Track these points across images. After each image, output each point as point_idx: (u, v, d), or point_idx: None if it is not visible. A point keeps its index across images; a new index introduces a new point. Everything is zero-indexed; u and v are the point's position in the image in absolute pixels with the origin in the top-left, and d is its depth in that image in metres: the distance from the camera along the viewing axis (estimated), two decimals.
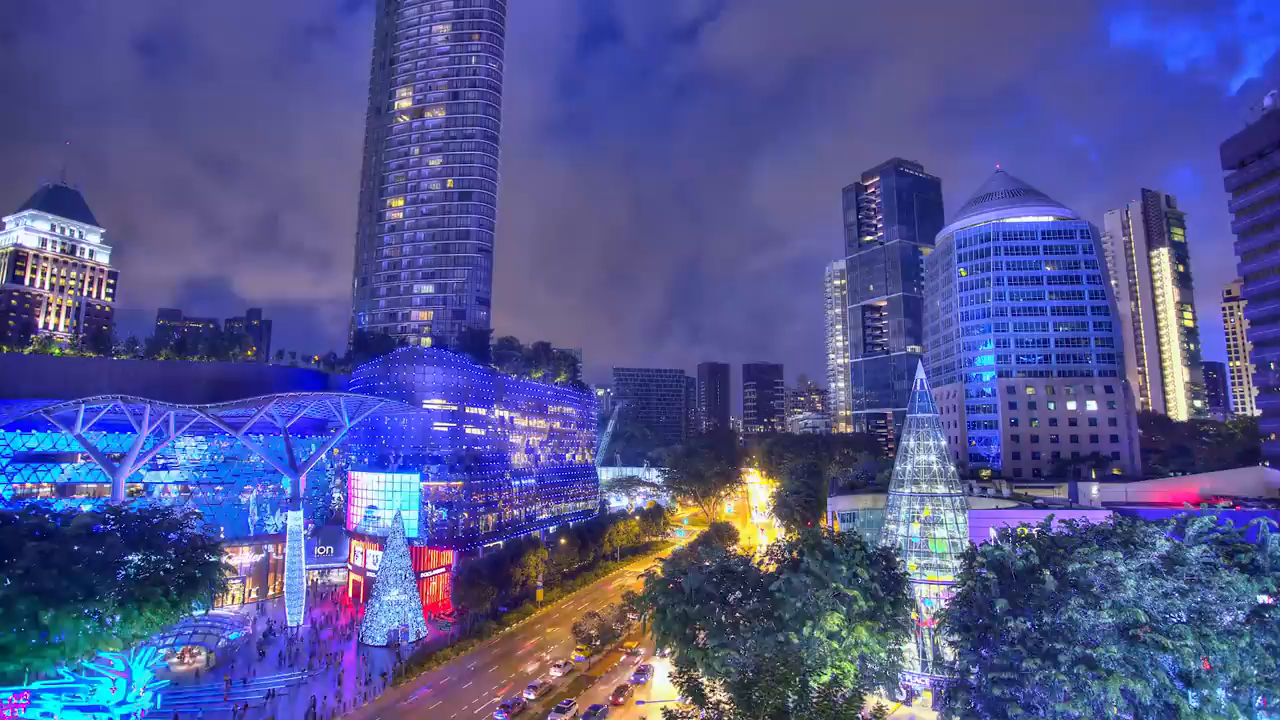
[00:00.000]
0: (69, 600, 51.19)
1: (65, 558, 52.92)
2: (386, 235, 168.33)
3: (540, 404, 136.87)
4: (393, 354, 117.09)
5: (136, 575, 56.55)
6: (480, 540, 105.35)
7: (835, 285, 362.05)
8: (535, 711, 61.84)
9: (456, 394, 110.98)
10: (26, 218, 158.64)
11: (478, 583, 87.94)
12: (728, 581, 55.29)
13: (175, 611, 59.01)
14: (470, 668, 73.39)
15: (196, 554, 62.28)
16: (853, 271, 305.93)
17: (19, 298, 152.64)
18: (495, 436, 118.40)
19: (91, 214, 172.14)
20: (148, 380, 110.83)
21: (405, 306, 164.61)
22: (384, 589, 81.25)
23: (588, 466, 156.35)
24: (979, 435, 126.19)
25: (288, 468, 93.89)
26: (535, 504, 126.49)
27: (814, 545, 54.51)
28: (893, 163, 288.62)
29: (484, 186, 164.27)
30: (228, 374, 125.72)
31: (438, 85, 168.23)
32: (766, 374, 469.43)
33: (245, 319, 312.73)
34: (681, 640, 52.57)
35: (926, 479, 70.81)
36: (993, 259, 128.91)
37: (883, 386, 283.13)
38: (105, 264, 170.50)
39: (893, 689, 55.46)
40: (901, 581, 55.72)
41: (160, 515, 64.04)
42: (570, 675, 71.09)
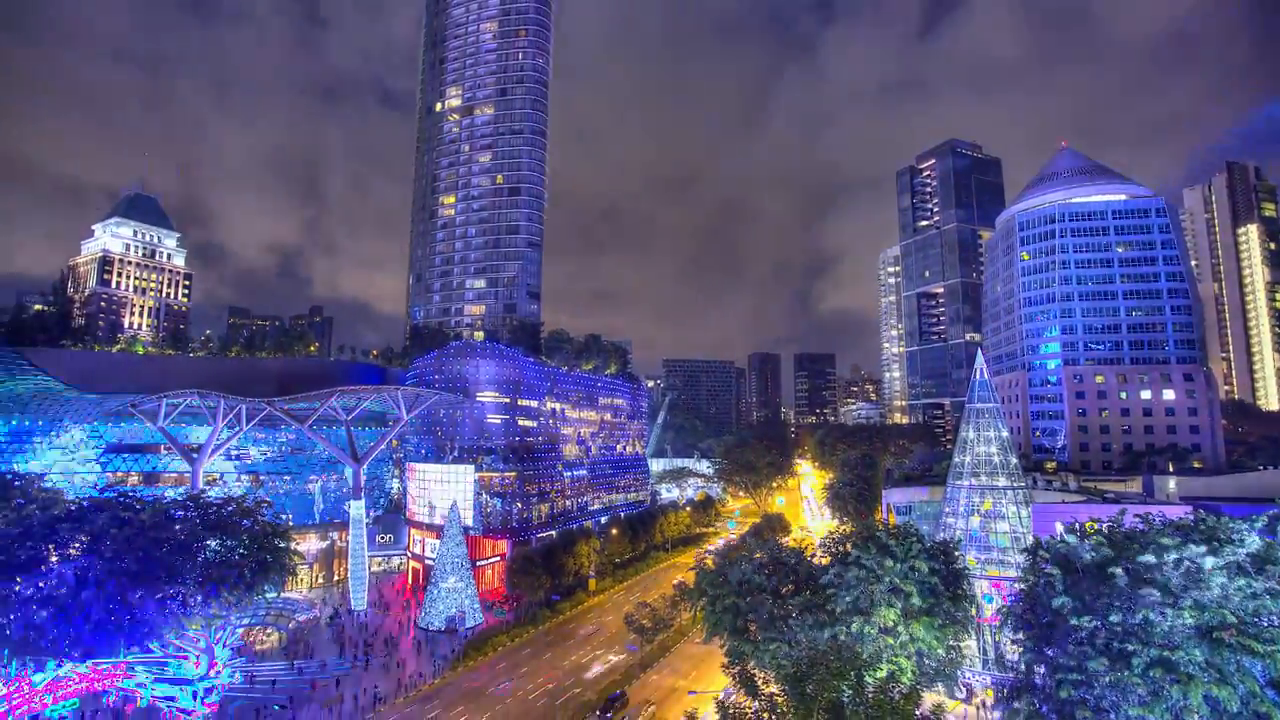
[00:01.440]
0: (155, 581, 54.80)
1: (150, 542, 56.59)
2: (439, 232, 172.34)
3: (591, 395, 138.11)
4: (447, 348, 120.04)
5: (214, 559, 59.96)
6: (533, 530, 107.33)
7: (889, 272, 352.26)
8: (589, 698, 62.81)
9: (509, 386, 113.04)
10: (112, 225, 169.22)
11: (531, 571, 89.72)
12: (779, 574, 54.78)
13: (250, 594, 62.31)
14: (525, 653, 75.07)
15: (268, 540, 65.46)
16: (907, 258, 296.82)
17: (107, 300, 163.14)
18: (547, 428, 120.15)
19: (169, 219, 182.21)
20: (221, 375, 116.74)
21: (458, 301, 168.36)
22: (442, 576, 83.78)
23: (638, 457, 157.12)
24: (1043, 426, 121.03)
25: (350, 458, 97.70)
26: (587, 494, 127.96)
27: (868, 538, 53.41)
28: (949, 144, 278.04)
29: (532, 182, 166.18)
30: (293, 369, 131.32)
31: (486, 83, 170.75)
32: (818, 364, 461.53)
33: (308, 316, 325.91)
34: (732, 632, 52.42)
35: (987, 471, 68.38)
36: (1058, 241, 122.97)
37: (939, 376, 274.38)
38: (181, 266, 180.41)
39: (952, 687, 53.96)
40: (960, 577, 54.04)
41: (234, 503, 67.56)
42: (626, 661, 71.91)
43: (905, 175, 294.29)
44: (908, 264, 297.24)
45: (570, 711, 60.11)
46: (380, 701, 61.63)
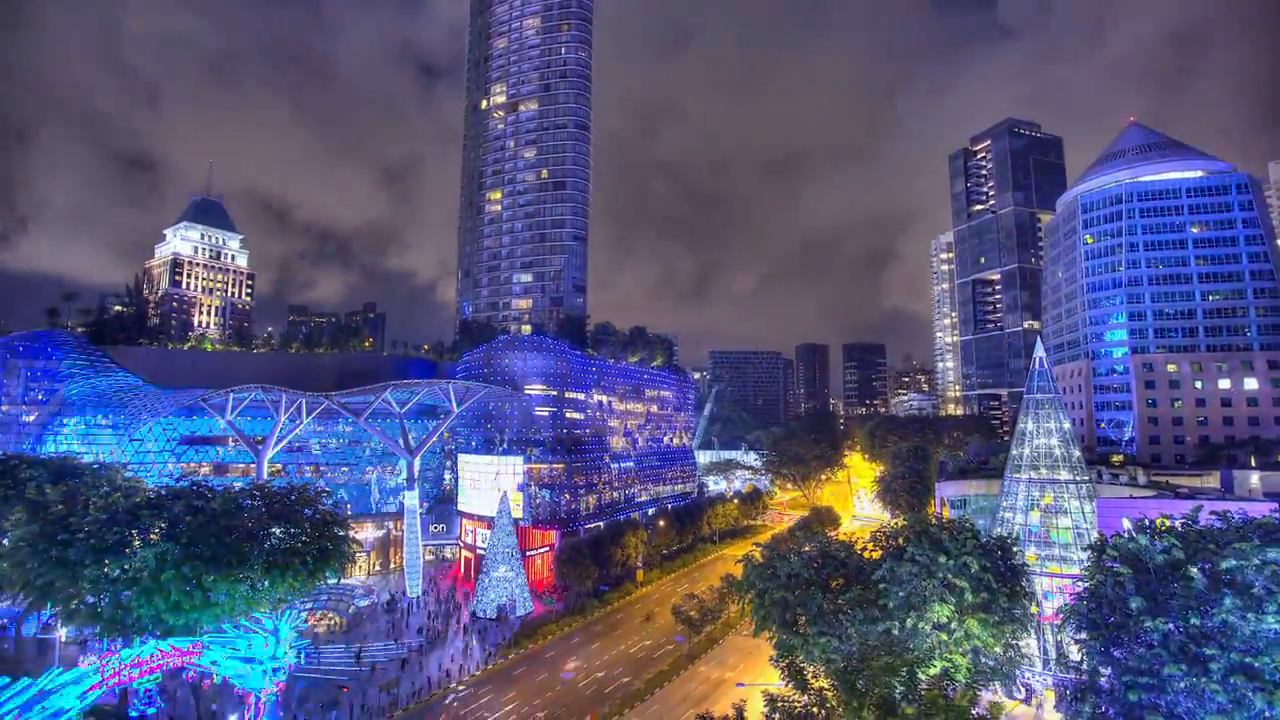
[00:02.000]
0: (225, 565, 57.79)
1: (221, 529, 59.66)
2: (486, 228, 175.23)
3: (637, 388, 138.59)
4: (495, 342, 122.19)
5: (279, 546, 62.74)
6: (581, 521, 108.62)
7: (942, 259, 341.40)
8: (638, 687, 63.37)
9: (556, 379, 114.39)
10: (181, 229, 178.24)
11: (580, 561, 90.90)
12: (828, 567, 54.03)
13: (312, 579, 64.99)
14: (574, 642, 76.23)
15: (328, 528, 68.07)
16: (961, 244, 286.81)
17: (178, 300, 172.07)
18: (594, 420, 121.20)
19: (232, 222, 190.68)
20: (282, 371, 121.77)
21: (505, 295, 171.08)
22: (493, 565, 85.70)
23: (685, 450, 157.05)
24: (1109, 417, 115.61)
25: (403, 450, 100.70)
26: (634, 486, 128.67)
27: (920, 532, 52.13)
28: (1006, 124, 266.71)
29: (577, 175, 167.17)
30: (349, 364, 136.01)
31: (529, 78, 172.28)
32: (868, 354, 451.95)
33: (362, 312, 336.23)
34: (781, 625, 52.00)
35: (1047, 464, 65.78)
36: (1125, 223, 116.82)
37: (996, 365, 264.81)
38: (244, 266, 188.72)
39: (1010, 686, 52.32)
40: (1019, 573, 52.24)
41: (297, 492, 70.45)
42: (674, 653, 72.30)
43: (958, 158, 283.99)
44: (961, 250, 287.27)
45: (619, 700, 60.78)
46: (435, 685, 63.60)
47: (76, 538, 57.25)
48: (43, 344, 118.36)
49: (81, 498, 64.01)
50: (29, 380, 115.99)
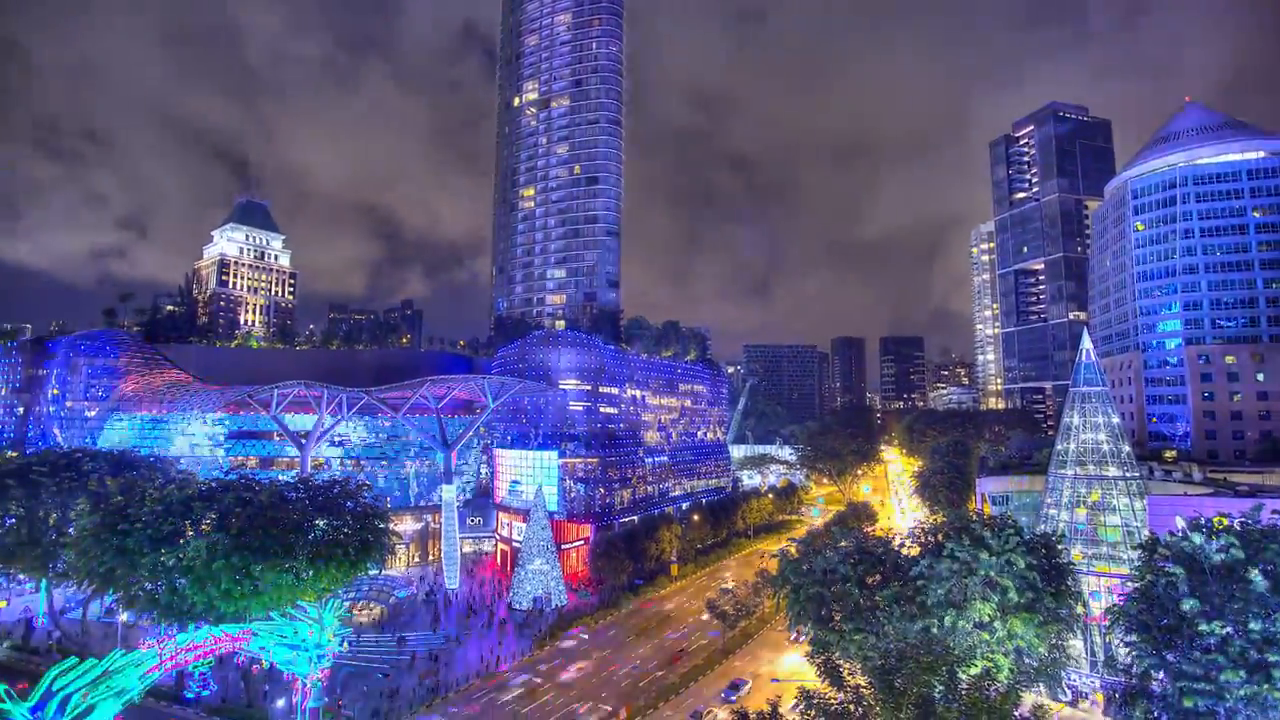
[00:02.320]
0: (272, 555, 59.79)
1: (268, 520, 61.70)
2: (520, 224, 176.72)
3: (671, 382, 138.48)
4: (529, 337, 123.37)
5: (322, 537, 64.64)
6: (616, 515, 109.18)
7: (982, 249, 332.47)
8: (672, 681, 63.57)
9: (590, 374, 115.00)
10: (228, 230, 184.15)
11: (614, 555, 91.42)
12: (865, 563, 53.32)
13: (354, 570, 66.85)
14: (609, 635, 76.79)
15: (369, 521, 69.85)
16: (1003, 233, 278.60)
17: (225, 299, 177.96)
18: (628, 415, 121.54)
19: (275, 224, 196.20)
20: (324, 367, 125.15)
21: (539, 291, 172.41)
22: (528, 558, 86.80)
23: (719, 444, 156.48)
24: (1161, 411, 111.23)
25: (440, 444, 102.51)
26: (668, 480, 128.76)
27: (960, 529, 51.05)
28: (1049, 108, 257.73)
29: (609, 170, 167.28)
30: (387, 360, 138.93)
31: (561, 74, 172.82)
32: (905, 347, 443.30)
33: (399, 309, 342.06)
34: (817, 621, 51.55)
35: (1094, 459, 63.68)
36: (1180, 208, 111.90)
37: (1039, 358, 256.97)
38: (287, 266, 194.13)
39: (1055, 688, 50.99)
40: (1064, 572, 50.74)
41: (339, 485, 72.43)
42: (708, 647, 72.34)
43: (1000, 145, 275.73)
44: (1003, 240, 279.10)
45: (653, 693, 61.06)
46: (473, 675, 64.79)
47: (135, 528, 59.92)
48: (102, 343, 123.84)
49: (139, 490, 66.91)
50: (90, 377, 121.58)
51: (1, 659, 68.92)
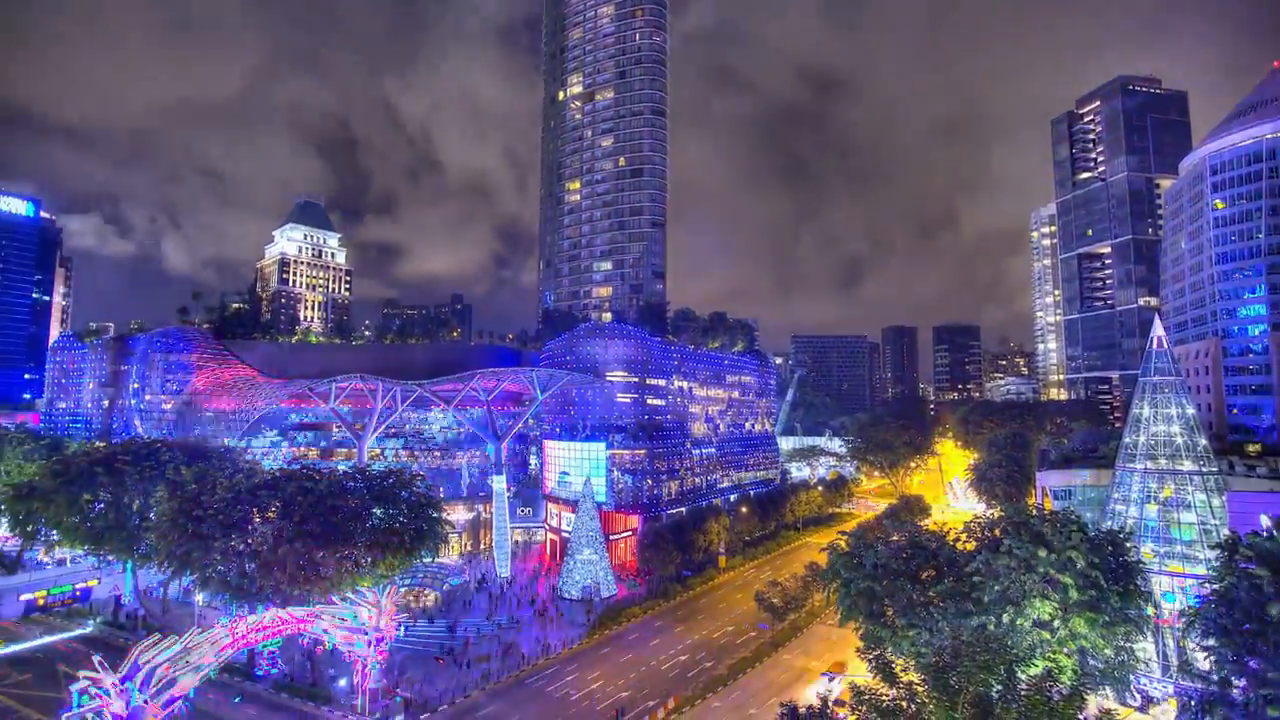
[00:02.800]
0: (333, 542, 62.32)
1: (328, 509, 64.30)
2: (566, 218, 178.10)
3: (718, 373, 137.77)
4: (576, 330, 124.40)
5: (379, 525, 67.00)
6: (664, 506, 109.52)
7: (1043, 233, 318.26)
8: (720, 672, 63.59)
9: (637, 366, 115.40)
10: (287, 230, 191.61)
11: (662, 546, 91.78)
12: (918, 558, 52.09)
13: (409, 558, 69.11)
14: (657, 625, 77.24)
15: (423, 510, 72.02)
16: (1065, 216, 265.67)
17: (286, 297, 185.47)
18: (675, 406, 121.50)
19: (331, 222, 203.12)
20: (378, 361, 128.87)
21: (586, 284, 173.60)
22: (577, 548, 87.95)
23: (767, 436, 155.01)
24: (1242, 402, 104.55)
25: (491, 436, 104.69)
26: (716, 472, 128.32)
27: (1019, 524, 49.31)
28: (1118, 81, 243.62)
29: (654, 161, 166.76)
30: (439, 353, 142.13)
31: (605, 67, 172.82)
32: (960, 336, 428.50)
33: (450, 304, 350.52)
34: (868, 616, 50.68)
35: (1167, 453, 60.43)
36: (1266, 183, 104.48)
37: (1105, 346, 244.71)
38: (343, 264, 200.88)
39: (1123, 691, 48.81)
40: (1133, 570, 48.43)
41: (394, 476, 74.82)
42: (756, 639, 72.05)
43: (1062, 123, 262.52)
44: (1065, 222, 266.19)
45: (701, 685, 61.19)
46: (524, 662, 66.19)
47: (207, 514, 63.32)
48: (176, 339, 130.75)
49: (211, 478, 70.61)
50: (166, 372, 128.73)
51: (94, 633, 74.32)
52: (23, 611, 78.47)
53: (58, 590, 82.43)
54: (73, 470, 78.30)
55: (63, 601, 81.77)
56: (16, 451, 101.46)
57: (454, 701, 57.78)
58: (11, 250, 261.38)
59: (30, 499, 78.31)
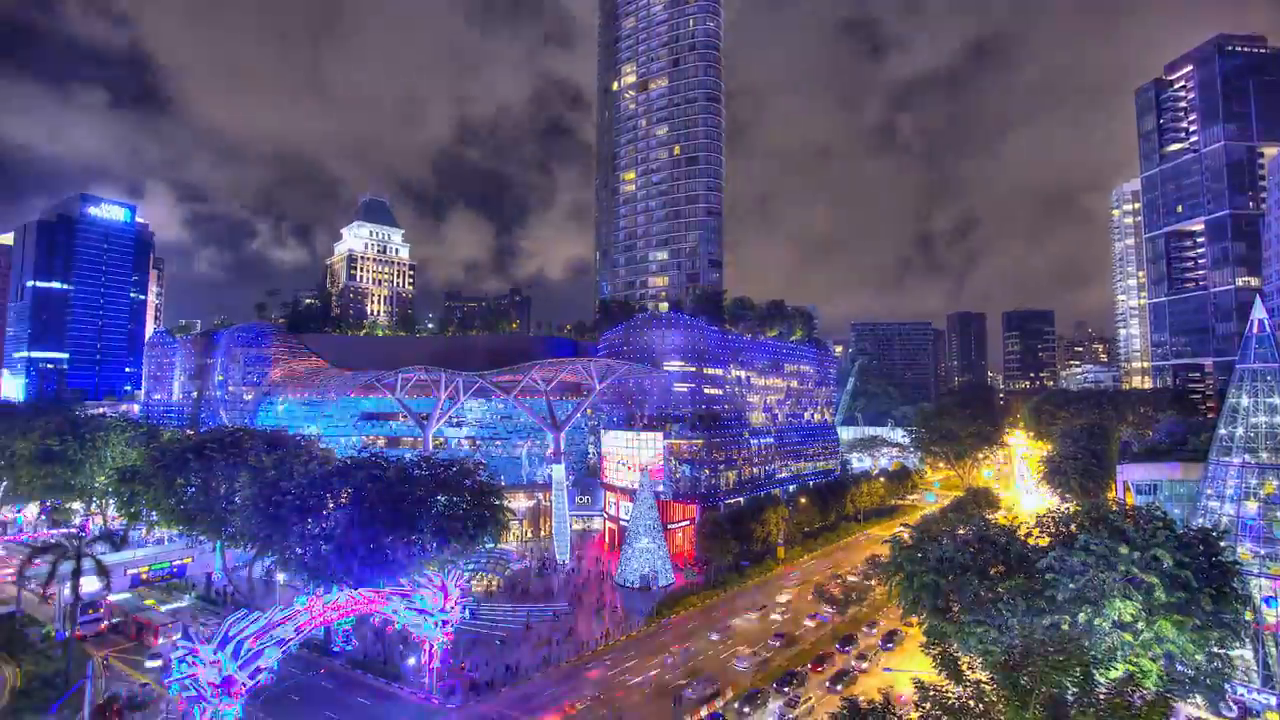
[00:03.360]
0: (400, 527, 64.93)
1: (395, 496, 66.98)
2: (622, 208, 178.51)
3: (776, 362, 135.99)
4: (633, 320, 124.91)
5: (443, 512, 69.30)
6: (721, 496, 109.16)
7: (1126, 210, 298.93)
8: (779, 664, 63.18)
9: (694, 355, 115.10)
10: (354, 227, 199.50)
11: (720, 536, 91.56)
12: (986, 552, 50.19)
13: (472, 543, 71.29)
14: (715, 614, 77.22)
15: (485, 497, 74.10)
16: (1151, 191, 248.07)
17: (354, 292, 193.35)
18: (733, 396, 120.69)
19: (395, 219, 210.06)
20: (441, 352, 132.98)
21: (642, 274, 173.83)
22: (635, 537, 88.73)
23: (827, 425, 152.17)
24: None
25: (550, 425, 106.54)
26: (774, 462, 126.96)
27: (1097, 519, 46.81)
28: (1214, 41, 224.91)
29: (709, 149, 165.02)
30: (498, 344, 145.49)
31: (659, 55, 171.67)
32: (1033, 321, 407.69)
33: (509, 296, 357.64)
34: (932, 611, 49.23)
35: (1269, 445, 56.11)
36: None
37: (1196, 331, 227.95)
38: (406, 258, 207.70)
39: (1216, 701, 45.82)
40: (1228, 572, 45.22)
41: (457, 464, 77.21)
42: (815, 631, 71.19)
43: (1148, 91, 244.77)
44: (1151, 199, 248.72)
45: (760, 676, 60.94)
46: (584, 647, 67.41)
47: (285, 499, 66.97)
48: (255, 334, 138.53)
49: (288, 465, 74.68)
50: (246, 364, 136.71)
51: (190, 606, 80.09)
52: (129, 584, 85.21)
53: (158, 566, 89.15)
54: (168, 457, 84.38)
55: (162, 576, 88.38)
56: (120, 439, 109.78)
57: (515, 683, 59.42)
58: (112, 254, 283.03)
59: (133, 482, 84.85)
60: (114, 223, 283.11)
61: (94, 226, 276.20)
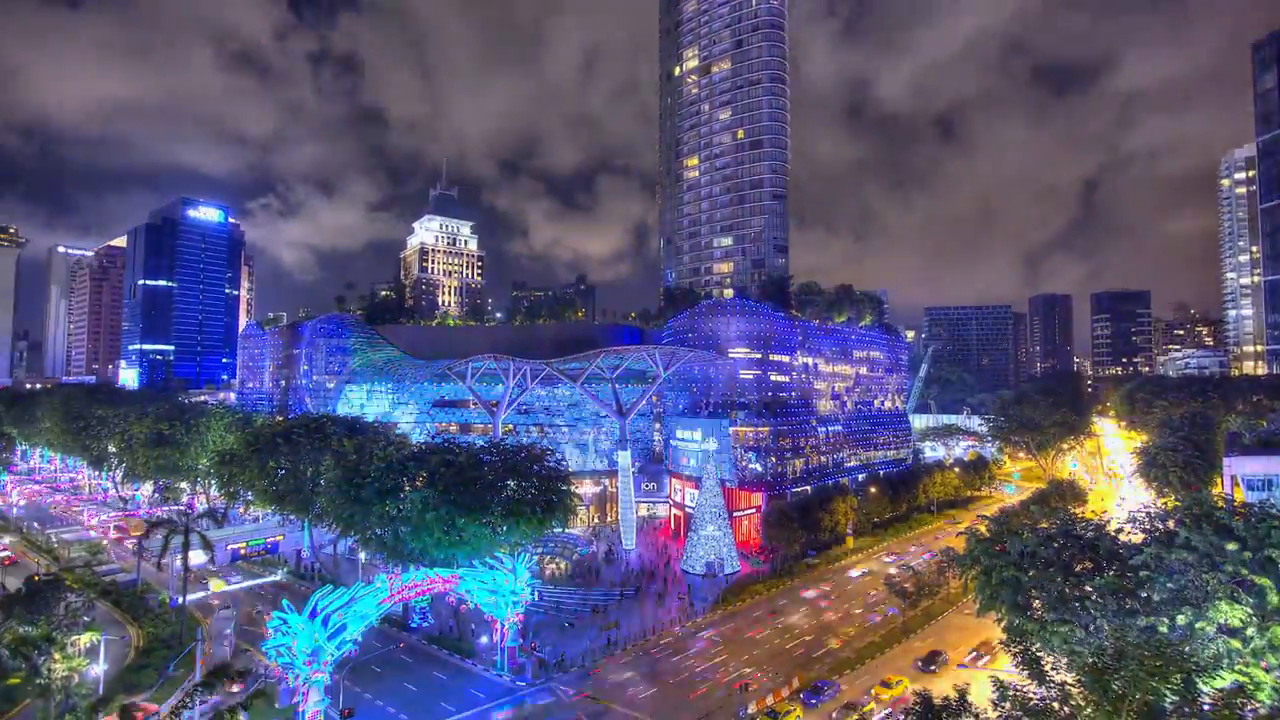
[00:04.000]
0: (472, 510, 67.25)
1: (467, 480, 69.36)
2: (685, 194, 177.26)
3: (844, 349, 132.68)
4: (698, 307, 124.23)
5: (513, 496, 71.31)
6: (788, 484, 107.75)
7: (1237, 180, 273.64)
8: (847, 655, 62.11)
9: (759, 342, 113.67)
10: (425, 220, 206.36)
11: (786, 525, 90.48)
12: (1072, 547, 47.56)
13: (541, 527, 73.10)
14: (781, 603, 76.53)
15: (553, 483, 75.72)
16: (1269, 159, 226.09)
17: (426, 284, 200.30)
18: (799, 383, 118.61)
19: (463, 212, 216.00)
20: (508, 341, 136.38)
21: (706, 261, 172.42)
22: (700, 524, 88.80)
23: (898, 413, 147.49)
24: None
25: (615, 412, 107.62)
26: (842, 450, 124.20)
27: (1200, 515, 43.47)
28: None
29: (774, 132, 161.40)
30: (564, 333, 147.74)
31: (721, 37, 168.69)
32: (1126, 303, 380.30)
33: (574, 285, 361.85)
34: (1012, 607, 47.13)
35: None
36: None
37: None
38: (475, 250, 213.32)
39: None
40: None
41: (525, 450, 79.16)
42: (886, 624, 69.57)
43: (1268, 45, 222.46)
44: (1269, 165, 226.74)
45: (826, 666, 60.07)
46: (649, 632, 68.18)
47: (366, 482, 70.47)
48: (335, 325, 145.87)
49: (368, 450, 78.49)
50: (328, 354, 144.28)
51: (282, 580, 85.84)
52: (230, 559, 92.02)
53: (254, 542, 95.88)
54: (260, 441, 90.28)
55: (258, 552, 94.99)
56: (219, 424, 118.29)
57: (583, 664, 60.77)
58: (209, 253, 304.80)
59: (230, 464, 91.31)
60: (210, 224, 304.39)
61: (193, 228, 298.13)
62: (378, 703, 53.98)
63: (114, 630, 65.51)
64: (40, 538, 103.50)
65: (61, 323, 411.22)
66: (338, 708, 50.13)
